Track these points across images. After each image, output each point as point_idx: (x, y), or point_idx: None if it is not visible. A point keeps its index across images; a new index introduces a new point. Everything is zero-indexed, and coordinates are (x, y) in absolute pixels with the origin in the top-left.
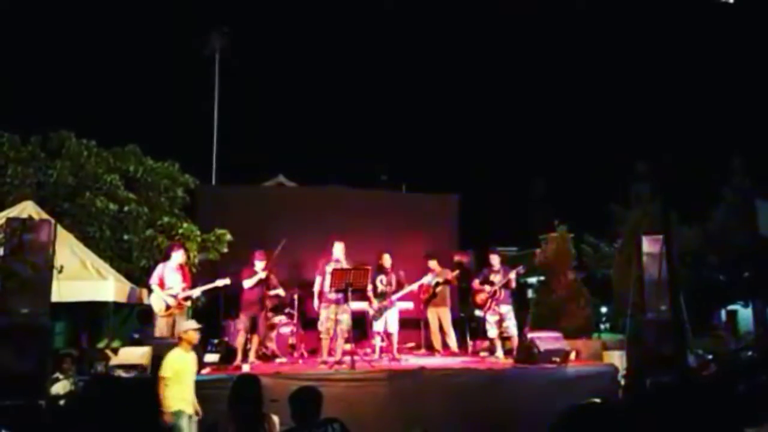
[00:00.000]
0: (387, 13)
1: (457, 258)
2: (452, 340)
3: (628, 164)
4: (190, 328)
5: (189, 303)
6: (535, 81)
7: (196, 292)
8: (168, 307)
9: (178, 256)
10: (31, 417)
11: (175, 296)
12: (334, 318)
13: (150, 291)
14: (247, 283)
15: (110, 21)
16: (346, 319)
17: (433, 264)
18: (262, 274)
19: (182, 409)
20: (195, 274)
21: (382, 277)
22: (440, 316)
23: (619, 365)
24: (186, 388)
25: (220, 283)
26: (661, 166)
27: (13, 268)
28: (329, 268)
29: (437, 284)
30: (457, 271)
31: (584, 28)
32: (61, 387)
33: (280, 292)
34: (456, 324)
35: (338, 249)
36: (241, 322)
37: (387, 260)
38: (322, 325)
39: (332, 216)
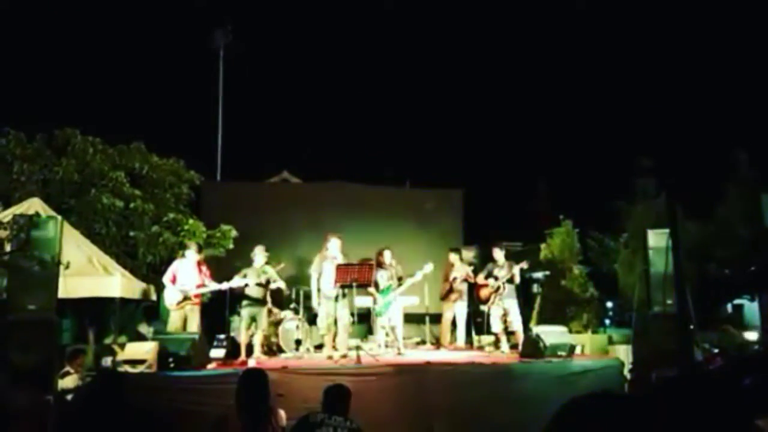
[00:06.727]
0: (391, 11)
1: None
2: (462, 336)
3: (632, 159)
4: None
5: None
6: (539, 76)
7: (212, 287)
8: (179, 302)
9: (192, 254)
10: (40, 412)
11: (186, 291)
12: (333, 314)
13: (163, 287)
14: (235, 282)
15: (114, 17)
16: (346, 314)
17: (453, 258)
18: (251, 273)
19: None
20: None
21: (383, 273)
22: (456, 311)
23: (625, 359)
24: None
25: (238, 283)
26: (666, 160)
27: (20, 265)
28: (327, 265)
29: (455, 279)
30: (472, 267)
31: (585, 24)
32: (70, 381)
33: (281, 284)
34: None
35: (334, 245)
36: (243, 319)
37: (387, 256)
38: (322, 322)
39: (337, 211)
